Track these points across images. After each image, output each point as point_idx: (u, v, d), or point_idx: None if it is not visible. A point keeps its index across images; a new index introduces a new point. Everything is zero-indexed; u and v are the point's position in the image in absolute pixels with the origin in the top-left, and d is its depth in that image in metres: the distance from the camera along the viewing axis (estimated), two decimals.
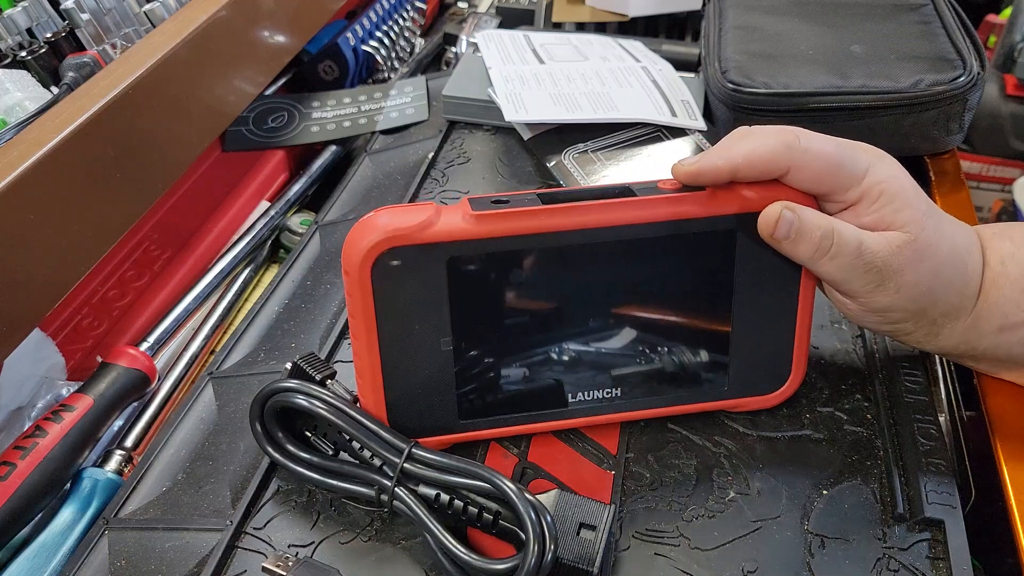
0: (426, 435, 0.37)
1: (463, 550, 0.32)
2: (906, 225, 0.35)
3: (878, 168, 0.35)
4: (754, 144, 0.35)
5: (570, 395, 0.38)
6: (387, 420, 0.37)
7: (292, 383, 0.36)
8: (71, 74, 0.51)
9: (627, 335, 0.38)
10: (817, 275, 0.36)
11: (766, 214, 0.35)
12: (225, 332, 0.55)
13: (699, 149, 0.57)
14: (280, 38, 0.63)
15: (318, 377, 0.37)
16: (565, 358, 0.38)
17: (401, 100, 0.69)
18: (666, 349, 0.38)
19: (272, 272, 0.60)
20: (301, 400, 0.36)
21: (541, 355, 0.38)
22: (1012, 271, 0.37)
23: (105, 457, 0.44)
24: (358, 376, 0.37)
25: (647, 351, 0.38)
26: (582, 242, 0.35)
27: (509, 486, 0.32)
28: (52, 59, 0.53)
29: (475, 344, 0.37)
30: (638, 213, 0.35)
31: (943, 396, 0.44)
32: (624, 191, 0.36)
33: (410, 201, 0.56)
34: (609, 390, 0.38)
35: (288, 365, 0.38)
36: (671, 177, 0.36)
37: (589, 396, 0.38)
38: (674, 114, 0.59)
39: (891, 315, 0.36)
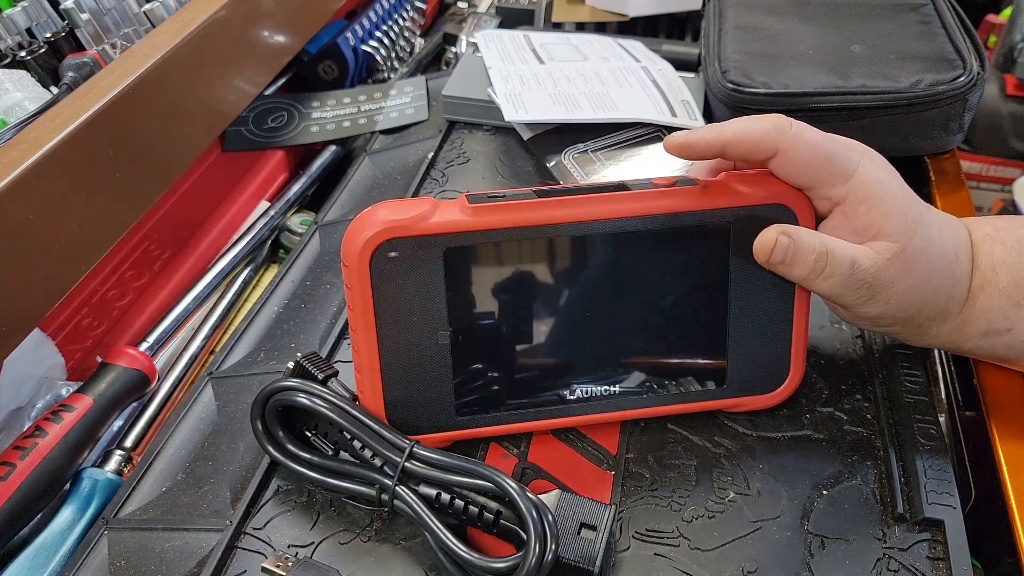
0: (424, 432, 0.37)
1: (464, 548, 0.32)
2: (894, 234, 0.35)
3: (867, 170, 0.35)
4: (746, 123, 0.35)
5: (568, 392, 0.38)
6: (385, 416, 0.37)
7: (294, 382, 0.36)
8: (71, 74, 0.51)
9: (625, 331, 0.38)
10: (811, 291, 0.37)
11: (762, 239, 0.35)
12: (225, 332, 0.55)
13: None
14: (280, 38, 0.63)
15: (320, 376, 0.37)
16: (562, 355, 0.38)
17: (401, 100, 0.69)
18: (664, 346, 0.39)
19: (272, 272, 0.60)
20: (303, 399, 0.36)
21: (538, 351, 0.38)
22: (1001, 278, 0.37)
23: (105, 457, 0.44)
24: (357, 371, 0.37)
25: (645, 348, 0.38)
26: (577, 235, 0.36)
27: (511, 485, 0.32)
28: (52, 59, 0.53)
29: (472, 338, 0.37)
30: (632, 206, 0.35)
31: (943, 396, 0.44)
32: (619, 187, 0.36)
33: None
34: (607, 387, 0.38)
35: (290, 364, 0.38)
36: (666, 175, 0.37)
37: (587, 394, 0.38)
38: (674, 114, 0.59)
39: (880, 321, 0.37)
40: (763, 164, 0.36)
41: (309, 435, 0.37)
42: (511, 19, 0.83)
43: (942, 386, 0.45)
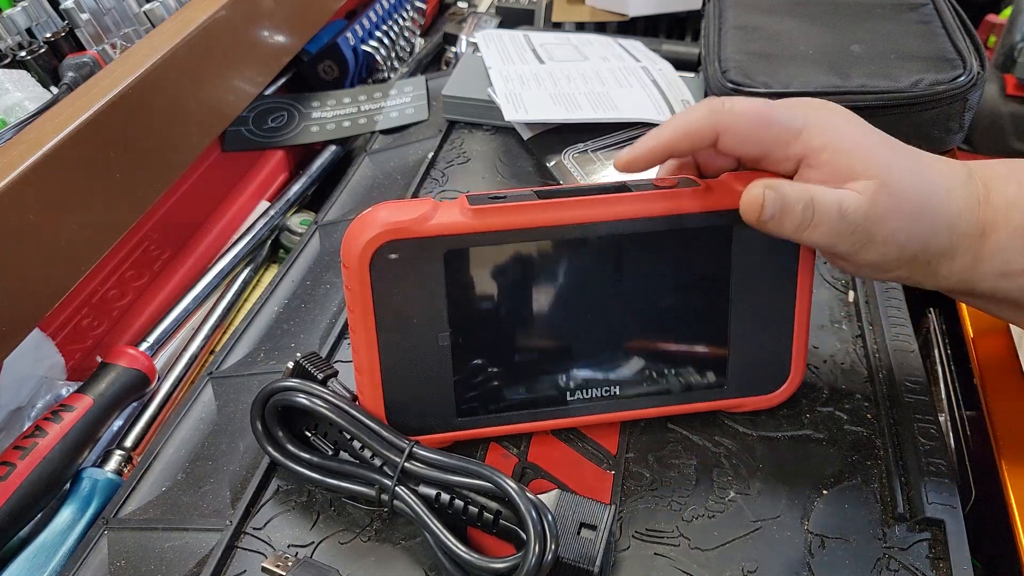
0: (425, 433, 0.37)
1: (464, 549, 0.32)
2: (868, 169, 0.34)
3: (816, 120, 0.35)
4: (681, 117, 0.36)
5: (568, 393, 0.38)
6: (386, 417, 0.37)
7: (293, 382, 0.36)
8: (71, 74, 0.51)
9: (625, 332, 0.38)
10: (804, 244, 0.36)
11: (749, 197, 0.34)
12: (225, 332, 0.55)
13: None
14: (280, 38, 0.63)
15: (320, 376, 0.37)
16: (563, 356, 0.38)
17: (401, 100, 0.69)
18: (665, 347, 0.38)
19: (272, 272, 0.60)
20: (302, 399, 0.36)
21: (539, 352, 0.38)
22: (1015, 217, 0.35)
23: (105, 457, 0.44)
24: (357, 372, 0.37)
25: (646, 349, 0.38)
26: (578, 237, 0.35)
27: (510, 485, 0.32)
28: (52, 59, 0.53)
29: (472, 340, 0.37)
30: (633, 208, 0.35)
31: (943, 396, 0.44)
32: (620, 187, 0.36)
33: None
34: (608, 388, 0.38)
35: (290, 364, 0.38)
36: (667, 175, 0.37)
37: (588, 394, 0.38)
38: (674, 114, 0.59)
39: (886, 266, 0.36)
40: (713, 148, 0.36)
41: (309, 435, 0.37)
42: (511, 19, 0.83)
43: (942, 386, 0.45)
